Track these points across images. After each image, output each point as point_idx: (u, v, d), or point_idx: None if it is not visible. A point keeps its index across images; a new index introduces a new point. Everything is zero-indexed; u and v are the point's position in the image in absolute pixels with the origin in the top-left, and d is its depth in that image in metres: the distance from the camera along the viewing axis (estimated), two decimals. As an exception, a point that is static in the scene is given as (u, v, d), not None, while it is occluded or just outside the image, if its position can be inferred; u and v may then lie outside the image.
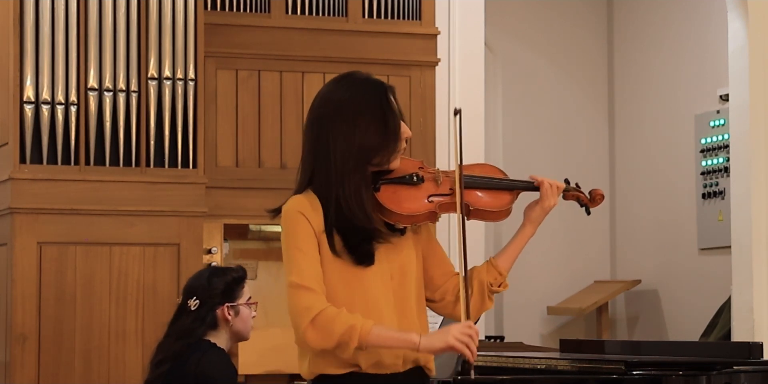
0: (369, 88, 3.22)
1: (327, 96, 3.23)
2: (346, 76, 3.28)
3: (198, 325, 4.34)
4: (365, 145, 3.16)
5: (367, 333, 3.05)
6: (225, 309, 4.36)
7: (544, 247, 9.22)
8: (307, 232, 3.13)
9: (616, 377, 4.14)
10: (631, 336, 9.45)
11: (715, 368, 4.21)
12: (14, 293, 5.73)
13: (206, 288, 4.38)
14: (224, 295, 4.38)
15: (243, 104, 6.56)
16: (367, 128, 3.16)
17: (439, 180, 3.28)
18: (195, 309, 4.35)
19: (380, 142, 3.17)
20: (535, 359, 4.50)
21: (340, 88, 3.23)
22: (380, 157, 3.19)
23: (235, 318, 4.38)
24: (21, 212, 5.80)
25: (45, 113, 5.81)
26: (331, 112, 3.19)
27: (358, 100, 3.19)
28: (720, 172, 8.62)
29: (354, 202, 3.13)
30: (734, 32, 7.55)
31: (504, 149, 9.44)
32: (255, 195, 6.43)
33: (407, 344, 3.10)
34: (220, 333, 4.38)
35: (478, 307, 3.32)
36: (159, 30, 6.03)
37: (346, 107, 3.18)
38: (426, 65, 6.87)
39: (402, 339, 3.10)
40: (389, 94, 3.24)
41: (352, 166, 3.15)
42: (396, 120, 3.21)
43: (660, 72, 9.30)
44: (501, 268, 3.33)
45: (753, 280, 7.31)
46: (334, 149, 3.15)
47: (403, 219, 3.20)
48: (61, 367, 5.76)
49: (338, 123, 3.17)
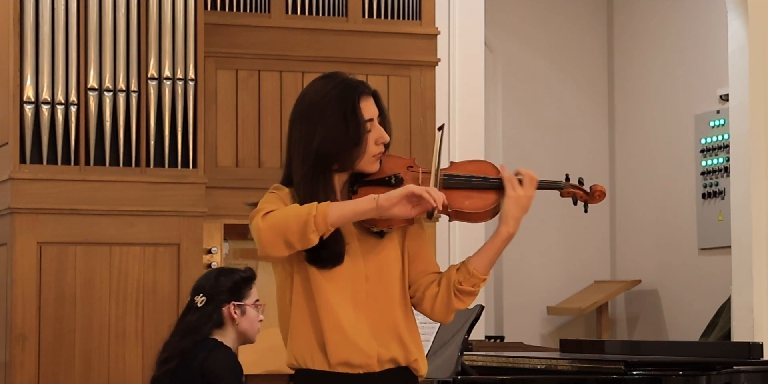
0: (338, 92, 3.12)
1: (302, 96, 3.20)
2: (326, 76, 3.22)
3: (204, 322, 4.34)
4: (321, 151, 3.08)
5: (324, 209, 2.97)
6: (231, 307, 4.36)
7: (544, 247, 9.22)
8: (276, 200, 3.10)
9: (616, 377, 4.14)
10: (631, 336, 9.45)
11: (715, 368, 4.21)
12: (14, 293, 5.73)
13: (213, 285, 4.38)
14: (231, 293, 4.38)
15: (243, 104, 6.56)
16: (326, 134, 3.08)
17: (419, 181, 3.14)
18: (201, 306, 4.35)
19: (337, 149, 3.08)
20: (535, 359, 4.50)
21: (315, 88, 3.18)
22: (339, 163, 3.10)
23: (242, 317, 4.38)
24: (21, 212, 5.80)
25: (45, 113, 5.81)
26: (300, 114, 3.15)
27: (322, 103, 3.11)
28: (720, 172, 8.62)
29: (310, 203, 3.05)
30: (734, 32, 7.55)
31: (504, 149, 9.44)
32: (255, 195, 6.40)
33: (367, 203, 2.99)
34: (226, 332, 4.38)
35: (445, 302, 3.19)
36: (159, 30, 6.03)
37: (311, 110, 3.12)
38: (426, 65, 6.87)
39: (360, 202, 3.00)
40: (361, 96, 3.12)
41: (310, 168, 3.10)
42: (357, 126, 3.09)
43: (660, 72, 9.30)
44: (471, 267, 3.14)
45: (753, 280, 7.31)
46: (297, 150, 3.12)
47: (379, 223, 3.10)
48: (61, 367, 5.76)
49: (303, 124, 3.12)
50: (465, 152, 7.31)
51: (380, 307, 3.15)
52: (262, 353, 6.27)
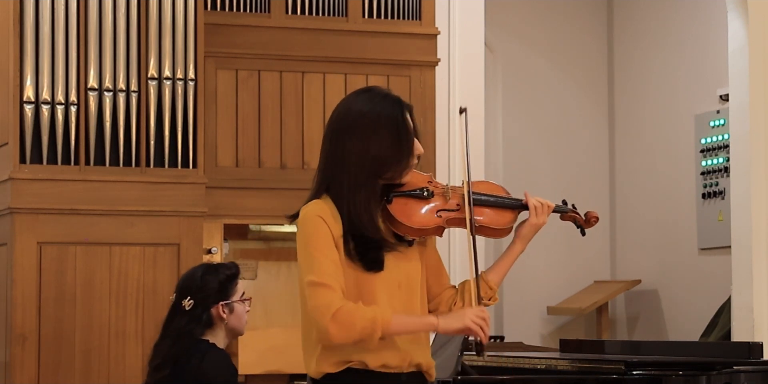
0: (388, 104, 3.31)
1: (346, 108, 3.32)
2: (367, 90, 3.37)
3: (194, 326, 4.34)
4: (378, 159, 3.25)
5: (387, 322, 3.16)
6: (220, 307, 4.36)
7: (544, 247, 9.21)
8: (327, 234, 3.21)
9: (616, 377, 4.14)
10: (631, 336, 9.45)
11: (715, 368, 4.21)
12: (14, 293, 5.73)
13: (200, 288, 4.37)
14: (218, 294, 4.38)
15: (243, 104, 6.56)
16: (382, 143, 3.26)
17: (448, 195, 3.38)
18: (190, 309, 4.35)
19: (393, 157, 3.27)
20: (535, 359, 4.50)
21: (360, 101, 3.32)
22: (392, 172, 3.29)
23: (230, 315, 4.39)
24: (21, 212, 5.80)
25: (45, 113, 5.81)
26: (349, 125, 3.28)
27: (376, 114, 3.28)
28: (720, 172, 8.62)
29: (364, 213, 3.23)
30: (734, 32, 7.55)
31: (504, 149, 9.43)
32: (255, 195, 6.43)
33: (427, 326, 3.25)
34: (216, 331, 4.38)
35: None
36: (159, 30, 6.03)
37: (364, 121, 3.27)
38: (426, 65, 6.87)
39: (422, 322, 3.26)
40: (406, 111, 3.33)
41: (364, 179, 3.25)
42: (410, 137, 3.31)
43: (660, 72, 9.30)
44: (491, 283, 3.44)
45: (753, 280, 7.31)
46: (349, 161, 3.25)
47: (412, 232, 3.30)
48: (61, 367, 5.76)
49: (355, 136, 3.26)
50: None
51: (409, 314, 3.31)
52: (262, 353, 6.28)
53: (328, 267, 3.18)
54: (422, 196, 3.34)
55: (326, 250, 3.20)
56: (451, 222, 3.36)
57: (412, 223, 3.29)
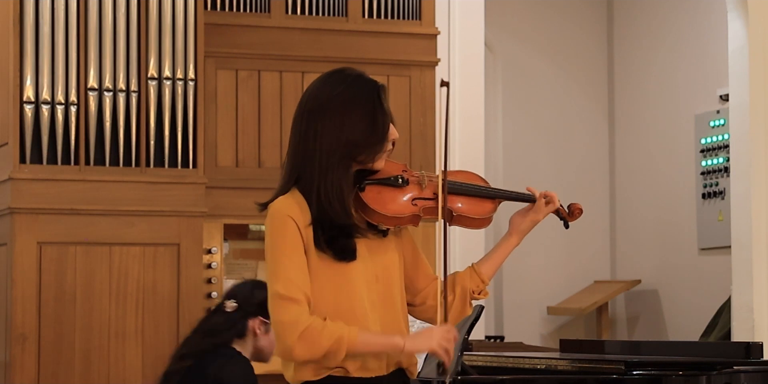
0: (361, 85, 3.17)
1: (316, 91, 3.20)
2: (338, 71, 3.24)
3: (227, 328, 4.32)
4: (352, 141, 3.12)
5: (353, 342, 3.05)
6: (258, 322, 4.34)
7: (544, 247, 9.21)
8: (295, 236, 3.11)
9: (616, 377, 4.14)
10: (631, 336, 9.45)
11: (715, 368, 4.21)
12: (14, 293, 5.73)
13: (247, 296, 4.36)
14: (262, 308, 4.34)
15: (243, 104, 6.56)
16: (356, 124, 3.12)
17: (424, 183, 3.25)
18: (230, 311, 4.35)
19: (367, 139, 3.13)
20: (535, 359, 4.50)
21: (331, 83, 3.19)
22: (365, 155, 3.15)
23: (264, 335, 4.35)
24: (21, 212, 5.80)
25: (45, 113, 5.81)
26: (320, 107, 3.15)
27: (349, 95, 3.14)
28: (720, 172, 8.62)
29: (334, 196, 3.10)
30: (734, 32, 7.54)
31: (504, 149, 9.43)
32: (255, 195, 6.36)
33: (393, 348, 3.11)
34: (245, 344, 4.35)
35: (459, 312, 3.34)
36: (159, 30, 6.03)
37: (336, 102, 3.14)
38: (426, 65, 6.87)
39: (387, 343, 3.11)
40: (381, 92, 3.18)
41: (336, 161, 3.11)
42: (386, 119, 3.17)
43: (660, 72, 9.30)
44: (484, 276, 3.34)
45: (753, 280, 7.31)
46: (321, 143, 3.11)
47: (386, 220, 3.18)
48: (61, 367, 5.76)
49: (327, 117, 3.13)
50: (465, 152, 7.31)
51: (388, 309, 3.21)
52: (262, 353, 6.27)
53: (296, 275, 3.07)
54: (397, 183, 3.21)
55: (293, 254, 3.09)
56: (428, 211, 3.22)
57: (386, 211, 3.17)
